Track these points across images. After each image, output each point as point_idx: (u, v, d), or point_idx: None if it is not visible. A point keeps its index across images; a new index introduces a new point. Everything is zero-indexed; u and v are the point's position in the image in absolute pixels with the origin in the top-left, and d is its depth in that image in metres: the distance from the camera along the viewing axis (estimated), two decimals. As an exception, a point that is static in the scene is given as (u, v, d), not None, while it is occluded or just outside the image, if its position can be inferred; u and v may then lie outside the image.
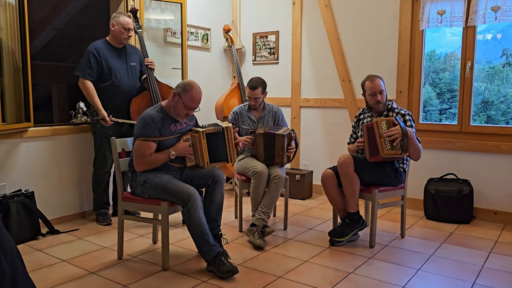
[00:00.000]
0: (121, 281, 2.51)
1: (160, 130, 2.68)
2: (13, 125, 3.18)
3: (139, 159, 2.66)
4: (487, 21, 3.63)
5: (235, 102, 4.66)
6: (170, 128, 2.75)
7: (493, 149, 3.73)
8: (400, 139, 2.89)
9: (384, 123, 2.94)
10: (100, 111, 3.40)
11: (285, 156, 3.29)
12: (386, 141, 2.90)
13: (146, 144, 2.64)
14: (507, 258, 2.94)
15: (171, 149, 2.71)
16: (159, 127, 2.67)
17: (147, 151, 2.65)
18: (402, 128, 2.90)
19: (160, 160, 2.69)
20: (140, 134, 2.65)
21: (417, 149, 3.02)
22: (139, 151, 2.65)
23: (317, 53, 4.66)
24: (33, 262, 2.78)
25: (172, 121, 2.77)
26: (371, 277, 2.59)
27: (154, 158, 2.67)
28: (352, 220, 3.11)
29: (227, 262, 2.58)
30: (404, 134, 2.90)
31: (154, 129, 2.65)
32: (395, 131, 2.90)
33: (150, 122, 2.65)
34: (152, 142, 2.65)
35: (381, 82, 3.16)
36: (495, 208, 3.77)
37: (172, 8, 4.36)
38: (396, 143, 2.89)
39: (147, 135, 2.64)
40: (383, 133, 2.91)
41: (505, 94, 4.29)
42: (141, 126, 2.66)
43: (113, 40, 3.53)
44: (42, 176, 3.47)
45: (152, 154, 2.66)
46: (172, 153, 2.70)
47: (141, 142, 2.64)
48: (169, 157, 2.70)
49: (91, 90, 3.39)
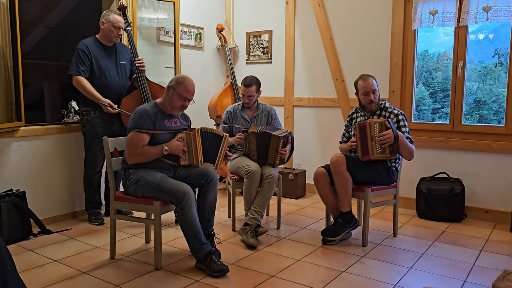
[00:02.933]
0: (114, 281, 2.50)
1: (153, 124, 2.70)
2: (4, 124, 3.15)
3: (131, 150, 2.67)
4: (478, 21, 3.65)
5: (228, 101, 4.65)
6: (163, 123, 2.77)
7: (485, 148, 3.75)
8: (391, 143, 2.91)
9: (377, 125, 2.95)
10: (101, 99, 3.36)
11: (278, 158, 3.28)
12: (377, 145, 2.92)
13: (139, 136, 2.65)
14: (498, 256, 2.96)
15: (165, 145, 2.72)
16: (153, 120, 2.70)
17: (140, 142, 2.66)
18: (394, 132, 2.92)
19: (153, 153, 2.69)
20: (134, 126, 2.68)
21: (410, 151, 3.04)
22: (132, 142, 2.66)
23: (310, 52, 4.67)
24: (25, 262, 2.76)
25: (166, 117, 2.79)
26: (364, 276, 2.60)
27: (147, 150, 2.68)
28: (345, 220, 3.12)
29: (218, 261, 2.58)
30: (395, 139, 2.91)
31: (148, 121, 2.68)
32: (387, 135, 2.91)
33: (144, 114, 2.68)
34: (145, 134, 2.66)
35: (374, 82, 3.17)
36: (486, 206, 3.80)
37: (165, 7, 4.35)
38: (386, 146, 2.91)
39: (141, 127, 2.66)
40: (375, 136, 2.93)
41: (497, 94, 4.32)
42: (135, 118, 2.70)
43: (103, 38, 3.50)
44: (33, 176, 3.44)
45: (145, 146, 2.68)
46: (165, 149, 2.70)
47: (134, 133, 2.66)
48: (162, 152, 2.70)
49: (86, 84, 3.35)
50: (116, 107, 3.41)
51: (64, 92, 4.28)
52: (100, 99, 3.36)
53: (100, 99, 3.36)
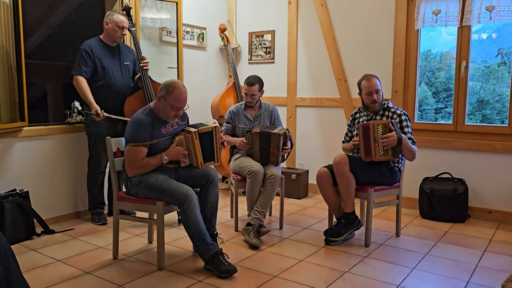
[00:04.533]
0: (116, 281, 2.50)
1: (150, 134, 2.64)
2: (7, 124, 3.16)
3: (131, 164, 2.64)
4: (482, 21, 3.64)
5: (231, 101, 4.66)
6: (160, 130, 2.71)
7: (488, 149, 3.74)
8: (394, 145, 2.90)
9: (381, 127, 2.94)
10: (92, 104, 3.34)
11: (280, 155, 3.29)
12: (380, 147, 2.92)
13: (137, 150, 2.61)
14: (501, 256, 2.95)
15: (164, 154, 2.68)
16: (149, 131, 2.63)
17: (139, 156, 2.62)
18: (398, 135, 2.91)
19: (152, 164, 2.67)
20: (131, 140, 2.63)
21: (412, 152, 3.04)
22: (130, 156, 2.63)
23: (313, 52, 4.67)
24: (28, 262, 2.77)
25: (163, 123, 2.73)
26: (366, 276, 2.60)
27: (146, 162, 2.65)
28: (348, 220, 3.11)
29: (225, 261, 2.58)
30: (399, 141, 2.91)
31: (144, 134, 2.61)
32: (390, 138, 2.90)
33: (140, 126, 2.61)
34: (143, 147, 2.62)
35: (377, 82, 3.16)
36: (489, 207, 3.79)
37: (168, 7, 4.35)
38: (389, 148, 2.91)
39: (138, 140, 2.61)
40: (378, 138, 2.92)
41: (500, 93, 4.31)
42: (131, 131, 2.63)
43: (107, 38, 3.50)
44: (37, 176, 3.45)
45: (144, 158, 2.64)
46: (164, 158, 2.67)
47: (132, 147, 2.62)
48: (161, 162, 2.68)
49: (83, 85, 3.34)
50: (102, 114, 3.36)
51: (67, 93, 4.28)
52: (90, 103, 3.35)
53: (90, 104, 3.35)
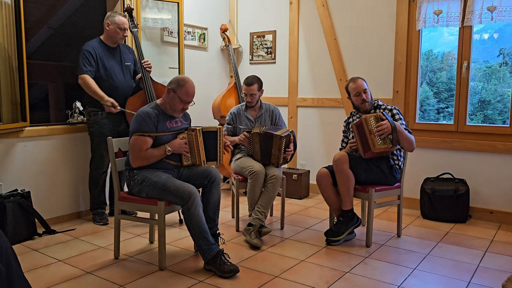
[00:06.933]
0: (118, 281, 2.51)
1: (156, 126, 2.70)
2: (9, 124, 3.17)
3: (135, 154, 2.67)
4: (483, 21, 3.63)
5: (232, 101, 4.66)
6: (165, 124, 2.77)
7: (489, 149, 3.74)
8: (389, 133, 2.93)
9: (373, 119, 2.98)
10: (104, 98, 3.35)
11: (281, 158, 3.28)
12: (377, 137, 2.94)
13: (143, 139, 2.65)
14: (502, 257, 2.95)
15: (167, 145, 2.72)
16: (155, 123, 2.69)
17: (144, 146, 2.66)
18: (390, 122, 2.95)
19: (156, 155, 2.70)
20: (136, 130, 2.67)
21: (409, 141, 3.06)
22: (135, 146, 2.66)
23: (314, 52, 4.67)
24: (29, 262, 2.78)
25: (168, 118, 2.79)
26: (368, 277, 2.60)
27: (150, 153, 2.68)
28: (346, 218, 3.12)
29: (227, 261, 2.58)
30: (393, 128, 2.94)
31: (150, 124, 2.67)
32: (384, 125, 2.94)
33: (146, 117, 2.67)
34: (148, 137, 2.66)
35: (363, 82, 3.23)
36: (491, 207, 3.79)
37: (169, 8, 4.35)
38: (385, 136, 2.93)
39: (143, 130, 2.66)
40: (372, 129, 2.95)
41: (501, 94, 4.30)
42: (137, 121, 2.68)
43: (108, 39, 3.51)
44: (38, 176, 3.46)
45: (149, 149, 2.68)
46: (168, 149, 2.71)
47: (137, 137, 2.66)
48: (165, 153, 2.71)
49: (91, 82, 3.35)
50: (118, 107, 3.42)
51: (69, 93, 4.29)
52: (103, 97, 3.37)
53: (103, 98, 3.37)
